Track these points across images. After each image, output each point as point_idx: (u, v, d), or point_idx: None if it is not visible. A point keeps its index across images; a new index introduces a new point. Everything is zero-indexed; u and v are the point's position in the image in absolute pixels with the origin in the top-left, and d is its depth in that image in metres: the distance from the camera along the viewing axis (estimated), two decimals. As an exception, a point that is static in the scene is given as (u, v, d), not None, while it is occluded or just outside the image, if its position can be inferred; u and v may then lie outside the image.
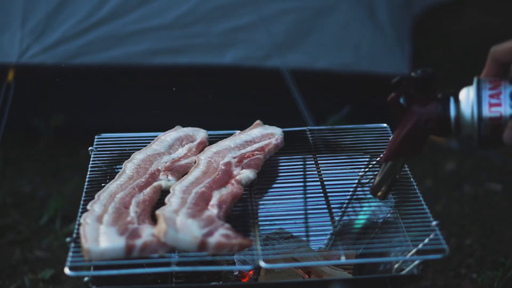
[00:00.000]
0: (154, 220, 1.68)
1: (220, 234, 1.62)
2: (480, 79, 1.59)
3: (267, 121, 2.12)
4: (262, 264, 1.62)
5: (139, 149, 1.99)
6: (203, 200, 1.74)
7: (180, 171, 1.89)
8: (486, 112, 1.57)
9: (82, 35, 3.33)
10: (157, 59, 3.40)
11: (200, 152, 1.98)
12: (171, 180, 1.85)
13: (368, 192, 1.89)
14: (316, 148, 2.07)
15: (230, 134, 2.06)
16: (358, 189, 1.94)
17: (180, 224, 1.63)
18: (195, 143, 2.02)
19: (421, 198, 1.79)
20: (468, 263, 2.68)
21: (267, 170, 1.95)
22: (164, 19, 3.38)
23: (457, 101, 1.60)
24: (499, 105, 1.56)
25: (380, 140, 2.04)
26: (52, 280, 2.64)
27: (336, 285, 1.67)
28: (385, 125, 2.10)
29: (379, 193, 1.79)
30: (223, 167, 1.88)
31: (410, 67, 3.57)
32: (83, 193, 1.83)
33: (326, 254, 1.90)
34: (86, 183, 1.88)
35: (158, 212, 1.67)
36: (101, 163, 2.00)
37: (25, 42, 3.29)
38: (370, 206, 1.95)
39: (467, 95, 1.59)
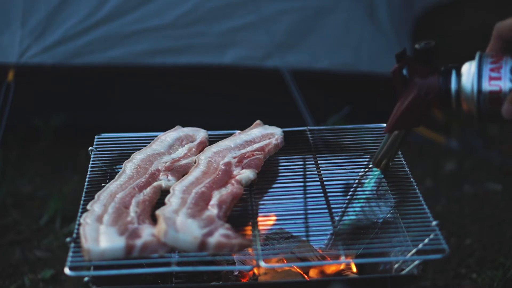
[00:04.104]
0: (154, 220, 1.68)
1: (220, 234, 1.62)
2: (482, 54, 1.62)
3: (267, 121, 2.11)
4: (262, 264, 1.62)
5: (139, 149, 1.99)
6: (203, 200, 1.74)
7: (180, 171, 1.89)
8: (486, 85, 1.59)
9: (82, 35, 3.33)
10: (157, 59, 3.40)
11: (200, 152, 1.98)
12: (171, 180, 1.85)
13: (368, 193, 1.89)
14: (316, 148, 2.07)
15: (230, 134, 2.06)
16: (358, 189, 1.94)
17: (180, 224, 1.63)
18: (195, 143, 2.02)
19: (421, 198, 1.78)
20: (468, 263, 2.68)
21: (267, 170, 1.95)
22: (164, 19, 3.38)
23: (458, 75, 1.64)
24: (499, 79, 1.58)
25: (380, 140, 2.03)
26: (52, 280, 2.64)
27: (336, 285, 1.67)
28: (385, 125, 2.09)
29: (381, 165, 1.82)
30: (223, 167, 1.88)
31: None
32: (83, 193, 1.83)
33: (326, 254, 1.90)
34: (86, 183, 1.88)
35: (158, 212, 1.67)
36: (101, 163, 2.00)
37: (25, 42, 3.29)
38: (370, 206, 1.95)
39: (468, 69, 1.62)
